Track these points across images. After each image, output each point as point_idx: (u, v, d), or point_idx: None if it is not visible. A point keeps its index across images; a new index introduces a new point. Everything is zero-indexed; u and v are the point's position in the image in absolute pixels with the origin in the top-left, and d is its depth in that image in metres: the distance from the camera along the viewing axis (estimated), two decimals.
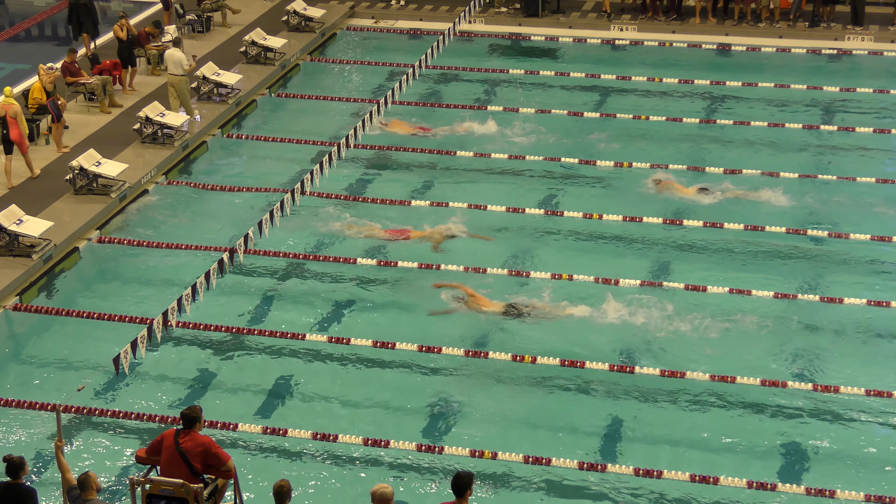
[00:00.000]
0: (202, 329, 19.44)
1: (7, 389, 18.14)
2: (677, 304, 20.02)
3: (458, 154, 25.38)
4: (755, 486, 15.91)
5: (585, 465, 16.34)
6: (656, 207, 23.10)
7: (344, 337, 19.17)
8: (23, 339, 19.76)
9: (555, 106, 27.60)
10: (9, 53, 31.37)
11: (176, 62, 26.00)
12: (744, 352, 18.95)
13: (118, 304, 20.21)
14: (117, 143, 25.27)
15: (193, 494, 13.78)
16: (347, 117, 26.93)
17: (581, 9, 33.51)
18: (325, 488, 16.16)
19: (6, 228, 20.96)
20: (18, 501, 13.62)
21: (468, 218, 22.62)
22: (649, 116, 27.06)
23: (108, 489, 15.95)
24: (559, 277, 20.75)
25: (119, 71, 27.81)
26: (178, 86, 26.10)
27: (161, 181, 24.38)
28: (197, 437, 14.00)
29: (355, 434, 16.95)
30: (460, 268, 21.00)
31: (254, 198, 23.64)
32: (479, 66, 30.09)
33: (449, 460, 16.55)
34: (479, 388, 18.20)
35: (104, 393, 18.19)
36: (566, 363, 18.41)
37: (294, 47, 30.53)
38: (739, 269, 21.25)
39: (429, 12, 33.41)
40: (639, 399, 17.91)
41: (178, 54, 26.04)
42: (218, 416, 17.25)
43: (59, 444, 14.06)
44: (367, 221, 22.55)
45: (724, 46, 31.04)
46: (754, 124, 26.64)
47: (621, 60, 30.70)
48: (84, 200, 23.03)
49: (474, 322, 19.72)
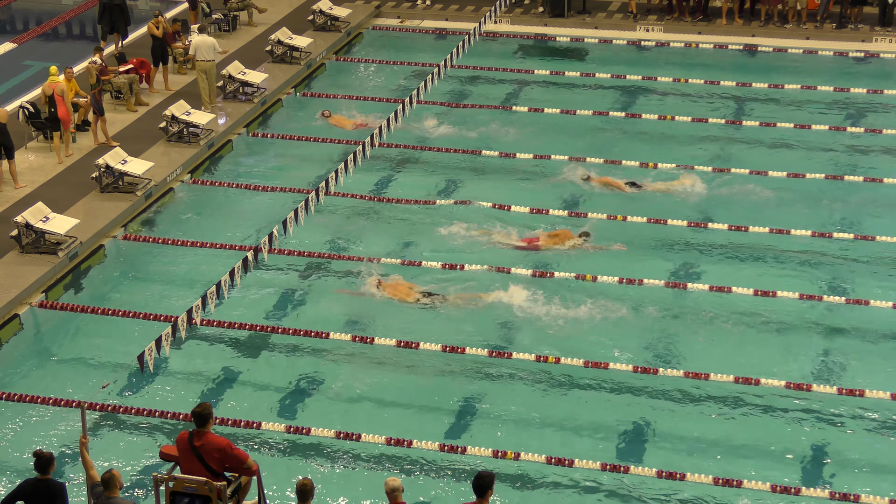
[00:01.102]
0: (226, 327, 19.49)
1: (33, 386, 18.23)
2: (701, 304, 19.98)
3: (485, 153, 25.37)
4: (779, 489, 15.84)
5: (608, 466, 16.29)
6: (682, 211, 23.01)
7: (368, 336, 19.19)
8: (48, 336, 19.86)
9: (580, 106, 27.56)
10: (37, 51, 31.51)
11: (208, 47, 26.56)
12: (768, 354, 18.88)
13: (143, 302, 20.29)
14: (143, 141, 25.37)
15: (217, 492, 13.81)
16: (372, 116, 26.94)
17: (607, 9, 33.44)
18: (347, 487, 16.17)
19: (33, 226, 21.07)
20: (49, 496, 13.66)
21: (492, 218, 22.64)
22: (675, 117, 26.98)
23: (132, 486, 16.02)
24: (582, 278, 20.71)
25: (146, 69, 27.91)
26: (210, 71, 26.56)
27: (186, 179, 24.46)
28: (213, 438, 13.96)
29: (378, 433, 16.96)
30: (486, 268, 20.99)
31: (278, 196, 23.69)
32: (505, 67, 30.06)
33: (471, 460, 16.54)
34: (502, 388, 18.19)
35: (129, 390, 18.27)
36: (589, 364, 18.37)
37: (320, 47, 30.58)
38: (763, 270, 21.17)
39: (454, 12, 33.41)
40: (662, 400, 17.86)
41: (209, 40, 26.74)
42: (241, 414, 17.30)
43: (84, 440, 14.12)
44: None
45: (750, 48, 30.92)
46: (780, 126, 26.53)
47: (647, 61, 30.62)
48: (110, 198, 23.13)
49: (496, 322, 19.71)
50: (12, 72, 30.00)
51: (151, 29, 27.67)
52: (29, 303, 20.15)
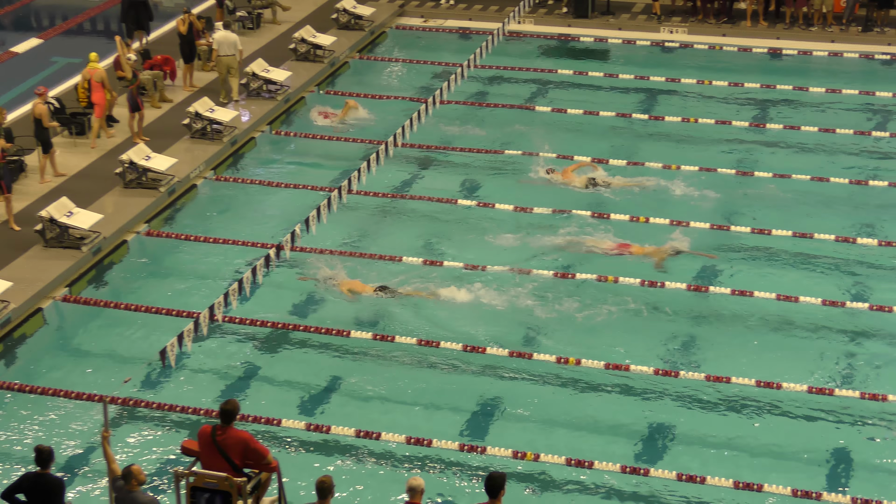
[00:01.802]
0: (248, 324, 19.54)
1: (56, 380, 18.32)
2: (723, 308, 19.93)
3: (507, 152, 25.38)
4: (800, 494, 15.78)
5: (628, 468, 16.27)
6: (705, 213, 22.97)
7: (389, 335, 19.21)
8: (72, 330, 19.95)
9: (602, 107, 27.53)
10: (62, 47, 31.66)
11: (230, 43, 26.82)
12: (791, 358, 18.82)
13: (165, 298, 20.36)
14: (167, 137, 25.45)
15: (237, 488, 13.85)
16: (396, 115, 26.96)
17: (631, 10, 33.38)
18: (367, 485, 16.20)
19: (57, 220, 21.17)
20: (47, 491, 13.79)
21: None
22: (698, 119, 26.92)
23: (153, 480, 16.07)
24: (604, 279, 20.69)
25: (170, 66, 28.00)
26: (232, 65, 26.89)
27: (209, 176, 24.53)
28: (235, 433, 14.02)
29: (398, 432, 16.98)
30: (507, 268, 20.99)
31: (301, 194, 23.73)
32: (528, 67, 30.05)
33: (491, 461, 16.55)
34: (522, 388, 18.19)
35: (151, 385, 18.34)
36: (610, 366, 18.35)
37: (343, 45, 30.62)
38: (785, 274, 21.12)
39: (478, 12, 33.41)
40: (683, 403, 17.83)
41: (231, 36, 27.02)
42: (262, 411, 17.34)
43: (106, 434, 14.19)
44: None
45: (774, 50, 30.82)
46: (804, 129, 26.44)
47: (671, 63, 30.55)
48: (133, 194, 23.21)
49: (518, 323, 19.72)
50: (38, 67, 30.13)
51: (179, 26, 27.74)
52: (52, 297, 20.24)
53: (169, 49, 28.58)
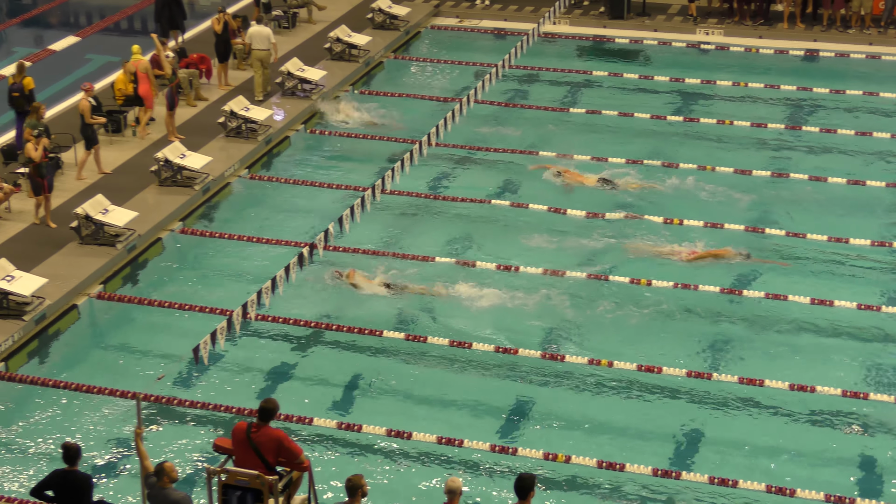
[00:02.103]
0: (280, 322, 19.60)
1: (89, 376, 18.42)
2: (756, 311, 19.84)
3: (540, 153, 25.35)
4: (833, 499, 15.67)
5: (660, 471, 16.21)
6: (740, 215, 22.86)
7: (421, 335, 19.22)
8: (106, 327, 20.07)
9: (637, 109, 27.45)
10: (99, 46, 31.86)
11: (263, 37, 27.26)
12: (824, 362, 18.71)
13: (199, 295, 20.45)
14: (202, 135, 25.56)
15: (268, 486, 13.89)
16: (430, 115, 26.97)
17: (667, 12, 33.26)
18: (397, 484, 16.21)
19: (92, 217, 21.30)
20: (75, 488, 13.86)
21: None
22: (733, 121, 26.78)
23: (185, 477, 16.14)
24: (637, 282, 20.62)
25: (206, 65, 28.12)
26: (265, 59, 27.17)
27: (244, 175, 24.61)
28: (269, 430, 14.05)
29: (429, 432, 16.98)
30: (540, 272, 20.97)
31: (335, 193, 23.78)
32: (563, 68, 29.99)
33: (521, 461, 16.52)
34: (554, 390, 18.16)
35: (184, 382, 18.43)
36: (643, 368, 18.29)
37: (378, 45, 30.66)
38: (819, 278, 21.00)
39: (513, 12, 33.38)
40: (716, 407, 17.75)
41: (265, 30, 27.48)
42: (293, 409, 17.38)
43: (139, 431, 14.25)
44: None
45: (811, 52, 30.64)
46: (841, 132, 26.27)
47: (707, 64, 30.41)
48: (168, 192, 23.33)
49: (552, 325, 19.69)
50: (75, 65, 30.34)
51: (214, 25, 27.86)
52: (87, 294, 20.37)
53: (204, 48, 28.71)
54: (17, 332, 19.04)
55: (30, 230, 21.77)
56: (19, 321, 19.21)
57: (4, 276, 19.39)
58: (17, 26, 33.99)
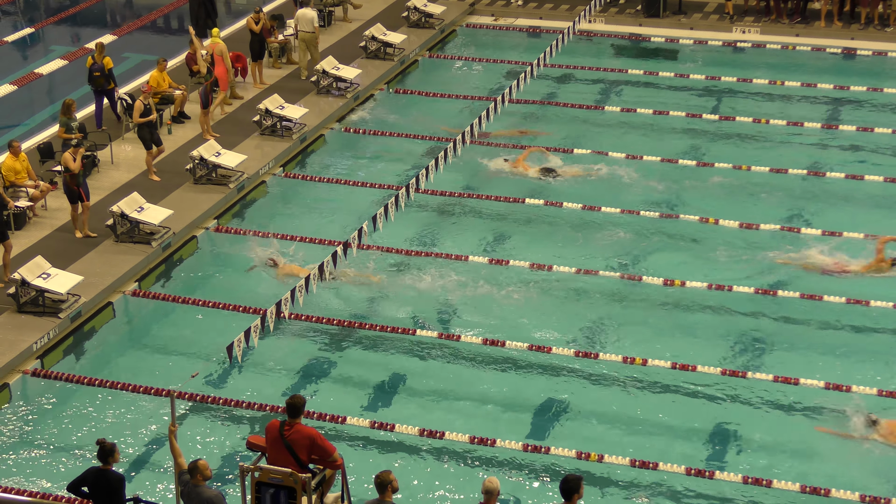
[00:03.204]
0: (314, 321, 19.64)
1: (124, 373, 18.54)
2: (790, 310, 19.73)
3: (575, 151, 25.27)
4: (868, 500, 15.56)
5: (693, 471, 16.13)
6: (775, 213, 22.72)
7: (454, 334, 19.21)
8: (140, 325, 20.18)
9: (673, 107, 27.32)
10: (135, 44, 32.01)
11: (308, 20, 27.92)
12: (860, 361, 18.58)
13: (233, 293, 20.51)
14: (237, 134, 25.65)
15: (301, 484, 13.92)
16: (465, 114, 26.96)
17: (703, 10, 33.08)
18: (429, 483, 16.21)
19: (128, 216, 21.41)
20: (108, 487, 13.94)
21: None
22: (769, 120, 26.61)
23: (219, 475, 16.20)
24: (671, 283, 20.54)
25: (241, 63, 28.21)
26: (310, 41, 27.93)
27: (279, 173, 24.68)
28: (302, 428, 14.07)
29: (462, 432, 16.97)
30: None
31: (369, 192, 23.80)
32: (598, 66, 29.89)
33: (554, 461, 16.49)
34: (587, 388, 18.11)
35: (217, 380, 18.50)
36: (677, 367, 18.21)
37: (413, 43, 30.66)
38: (855, 277, 20.84)
39: (549, 11, 33.30)
40: (750, 404, 17.63)
41: (310, 13, 28.12)
42: (326, 408, 17.41)
43: (173, 428, 14.30)
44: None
45: (849, 51, 30.40)
46: (878, 131, 26.05)
47: (743, 63, 30.23)
48: (203, 190, 23.42)
49: (581, 321, 19.65)
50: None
51: (250, 24, 27.95)
52: (122, 291, 20.49)
53: (240, 46, 28.79)
54: (53, 329, 19.17)
55: (65, 228, 21.90)
56: (55, 318, 19.34)
57: (40, 274, 19.53)
58: (53, 24, 34.21)
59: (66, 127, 23.27)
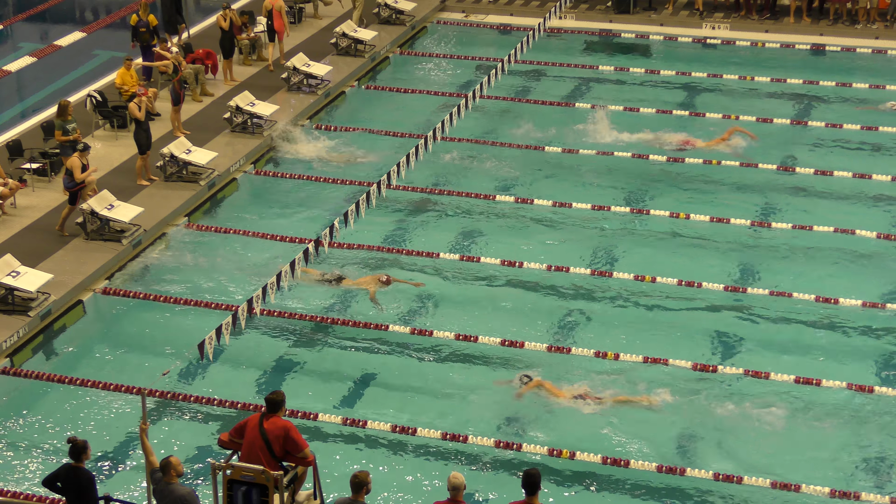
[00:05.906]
0: (286, 317, 19.61)
1: (94, 371, 18.46)
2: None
3: (547, 150, 25.32)
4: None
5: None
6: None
7: (427, 329, 19.22)
8: (111, 323, 20.09)
9: (644, 104, 27.39)
10: (105, 41, 31.86)
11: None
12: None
13: (204, 290, 20.45)
14: (208, 131, 25.56)
15: (273, 481, 13.90)
16: (436, 110, 26.96)
17: (673, 6, 33.16)
18: (402, 480, 16.22)
19: (98, 213, 21.31)
20: (79, 485, 13.90)
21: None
22: (740, 116, 26.72)
23: (190, 473, 16.16)
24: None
25: (211, 60, 28.11)
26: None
27: (249, 170, 24.61)
28: (279, 420, 14.11)
29: (433, 428, 16.98)
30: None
31: (340, 189, 23.76)
32: (569, 63, 29.93)
33: (525, 458, 16.51)
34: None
35: (188, 378, 18.44)
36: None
37: (384, 40, 30.63)
38: (826, 272, 20.97)
39: (519, 7, 33.34)
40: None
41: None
42: (298, 405, 17.38)
43: (144, 426, 14.26)
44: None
45: (818, 47, 30.55)
46: (846, 127, 26.18)
47: (713, 59, 30.35)
48: (174, 187, 23.33)
49: (553, 316, 19.69)
50: (81, 60, 30.35)
51: (220, 21, 27.85)
52: (92, 289, 20.39)
53: (210, 43, 28.70)
54: (23, 327, 19.06)
55: (35, 226, 21.78)
56: (24, 317, 19.23)
57: (10, 272, 19.41)
58: (23, 21, 34.01)
59: (62, 130, 22.99)
